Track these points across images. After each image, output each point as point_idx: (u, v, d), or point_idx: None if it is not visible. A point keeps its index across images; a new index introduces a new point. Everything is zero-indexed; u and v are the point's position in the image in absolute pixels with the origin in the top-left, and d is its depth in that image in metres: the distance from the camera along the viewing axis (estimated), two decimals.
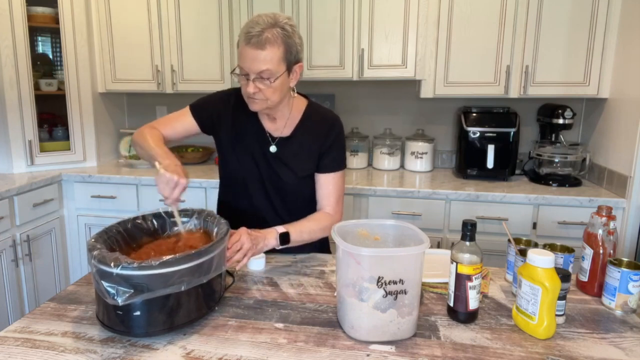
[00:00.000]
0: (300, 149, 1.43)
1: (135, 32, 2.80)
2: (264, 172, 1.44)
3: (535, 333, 1.01)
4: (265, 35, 1.20)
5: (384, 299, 0.96)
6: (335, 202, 1.46)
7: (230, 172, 1.50)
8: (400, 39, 2.48)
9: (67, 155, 2.80)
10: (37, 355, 0.94)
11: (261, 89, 1.26)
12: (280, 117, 1.43)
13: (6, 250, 2.31)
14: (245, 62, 1.24)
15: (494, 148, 2.48)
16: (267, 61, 1.22)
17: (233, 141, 1.45)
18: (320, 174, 1.45)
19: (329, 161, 1.44)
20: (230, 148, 1.46)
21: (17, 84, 2.55)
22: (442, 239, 2.36)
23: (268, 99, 1.29)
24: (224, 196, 1.57)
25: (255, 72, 1.23)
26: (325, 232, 1.42)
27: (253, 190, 1.46)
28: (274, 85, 1.26)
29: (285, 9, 2.55)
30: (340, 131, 1.46)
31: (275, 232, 1.30)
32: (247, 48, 1.22)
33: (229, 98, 1.46)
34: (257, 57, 1.21)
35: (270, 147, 1.43)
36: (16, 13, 2.50)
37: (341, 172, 1.47)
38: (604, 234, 1.17)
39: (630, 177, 2.12)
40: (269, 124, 1.44)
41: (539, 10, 2.35)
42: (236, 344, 0.97)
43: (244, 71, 1.26)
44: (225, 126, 1.45)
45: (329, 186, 1.45)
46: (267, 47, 1.21)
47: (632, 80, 2.17)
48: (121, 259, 0.93)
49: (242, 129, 1.44)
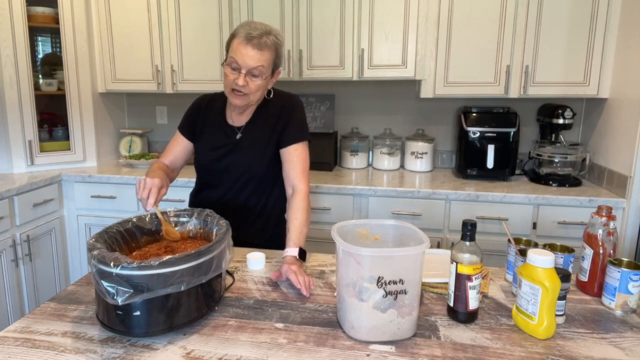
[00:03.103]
0: (262, 131, 1.54)
1: (135, 32, 2.80)
2: (234, 161, 1.54)
3: (535, 333, 1.01)
4: (264, 40, 1.38)
5: (384, 299, 0.96)
6: (301, 173, 1.51)
7: (204, 167, 1.61)
8: (400, 39, 2.49)
9: (67, 155, 2.80)
10: (37, 355, 0.94)
11: (249, 83, 1.40)
12: (249, 109, 1.55)
13: (6, 250, 2.31)
14: (242, 58, 1.37)
15: (494, 148, 2.48)
16: (262, 61, 1.39)
17: (205, 137, 1.59)
18: (282, 149, 1.53)
19: (288, 134, 1.52)
20: (202, 143, 1.59)
21: (17, 84, 2.55)
22: (442, 239, 2.36)
23: (251, 94, 1.42)
24: (198, 190, 1.66)
25: (249, 67, 1.38)
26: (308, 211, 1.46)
27: (226, 180, 1.57)
28: (259, 83, 1.42)
29: (285, 9, 2.55)
30: (297, 106, 1.57)
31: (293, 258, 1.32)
32: (247, 46, 1.37)
33: (200, 102, 1.64)
34: (254, 56, 1.37)
35: (237, 136, 1.55)
36: (16, 13, 2.50)
37: (302, 144, 1.53)
38: (604, 234, 1.17)
39: (630, 177, 2.12)
40: (235, 117, 1.56)
41: (539, 10, 2.35)
42: (236, 344, 0.97)
43: (237, 65, 1.38)
44: (198, 126, 1.60)
45: (292, 158, 1.51)
46: (265, 50, 1.39)
47: (632, 80, 2.17)
48: (121, 259, 0.93)
49: (211, 125, 1.59)
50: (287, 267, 1.24)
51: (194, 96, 1.69)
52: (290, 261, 1.29)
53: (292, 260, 1.29)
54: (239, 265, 1.37)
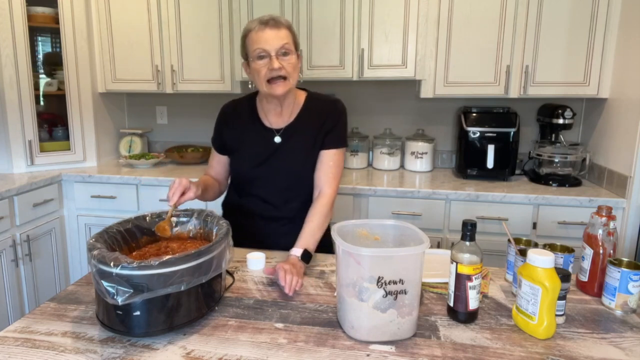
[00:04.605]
0: (304, 135, 1.49)
1: (135, 32, 2.80)
2: (275, 166, 1.49)
3: (535, 333, 1.00)
4: (278, 19, 1.37)
5: (384, 299, 0.96)
6: (333, 178, 1.49)
7: (242, 173, 1.55)
8: (400, 39, 2.49)
9: (67, 155, 2.80)
10: (37, 355, 0.94)
11: (283, 65, 1.36)
12: (286, 107, 1.50)
13: (6, 250, 2.31)
14: (265, 43, 1.35)
15: (494, 148, 2.48)
16: (285, 37, 1.37)
17: (239, 144, 1.53)
18: (325, 150, 1.49)
19: (332, 137, 1.49)
20: (238, 151, 1.54)
21: (17, 84, 2.55)
22: (442, 239, 2.36)
23: (290, 77, 1.38)
24: (232, 197, 1.61)
25: (277, 47, 1.35)
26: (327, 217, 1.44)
27: (263, 185, 1.51)
28: (293, 61, 1.38)
29: (285, 9, 2.55)
30: (344, 111, 1.54)
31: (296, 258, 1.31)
32: (266, 30, 1.35)
33: (224, 115, 1.58)
34: (277, 34, 1.35)
35: (274, 139, 1.49)
36: (16, 13, 2.50)
37: (341, 150, 1.52)
38: (604, 234, 1.17)
39: (630, 177, 2.12)
40: (273, 119, 1.51)
41: (539, 10, 2.35)
42: (236, 344, 0.97)
43: (264, 52, 1.35)
44: (229, 136, 1.55)
45: (329, 162, 1.48)
46: (282, 28, 1.37)
47: (632, 80, 2.17)
48: (121, 259, 0.93)
49: (244, 131, 1.53)
50: (282, 264, 1.24)
51: (193, 96, 1.69)
52: (290, 260, 1.29)
53: (293, 260, 1.29)
54: (239, 265, 1.37)
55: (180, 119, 3.22)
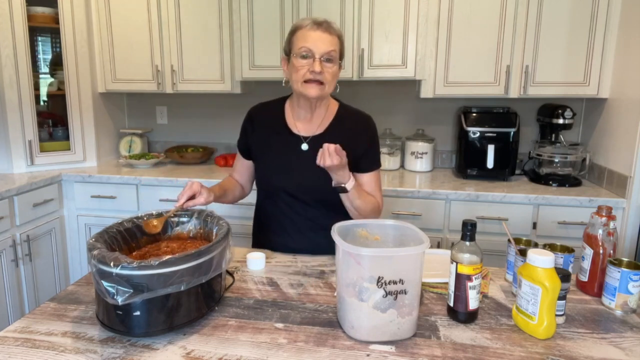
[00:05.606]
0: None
1: (135, 32, 2.80)
2: (298, 172, 1.46)
3: (535, 333, 1.01)
4: (332, 25, 1.38)
5: (384, 299, 0.96)
6: (379, 194, 1.53)
7: (266, 180, 1.53)
8: (400, 39, 2.49)
9: (67, 155, 2.80)
10: (37, 355, 0.94)
11: (324, 70, 1.35)
12: (317, 115, 1.49)
13: (6, 250, 2.31)
14: (314, 43, 1.34)
15: (494, 148, 2.48)
16: (334, 44, 1.37)
17: (265, 151, 1.51)
18: (362, 174, 1.49)
19: (369, 160, 1.49)
20: (263, 158, 1.52)
21: (17, 84, 2.55)
22: (442, 239, 2.36)
23: (327, 84, 1.37)
24: (261, 203, 1.61)
25: (323, 51, 1.35)
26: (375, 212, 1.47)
27: (290, 193, 1.49)
28: (334, 70, 1.38)
29: (285, 9, 2.55)
30: (375, 130, 1.54)
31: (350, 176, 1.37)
32: (317, 31, 1.35)
33: (250, 118, 1.56)
34: (327, 39, 1.35)
35: (302, 146, 1.47)
36: (16, 13, 2.50)
37: (379, 171, 1.54)
38: (604, 234, 1.17)
39: (630, 177, 2.12)
40: (300, 125, 1.49)
41: (539, 10, 2.35)
42: (236, 344, 0.97)
43: (309, 52, 1.35)
44: (255, 142, 1.53)
45: (371, 183, 1.50)
46: (334, 34, 1.38)
47: (632, 80, 2.17)
48: (121, 259, 0.93)
49: (270, 137, 1.51)
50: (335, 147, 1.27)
51: (194, 96, 1.68)
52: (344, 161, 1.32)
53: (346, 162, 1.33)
54: (239, 265, 1.37)
55: (180, 119, 3.22)
